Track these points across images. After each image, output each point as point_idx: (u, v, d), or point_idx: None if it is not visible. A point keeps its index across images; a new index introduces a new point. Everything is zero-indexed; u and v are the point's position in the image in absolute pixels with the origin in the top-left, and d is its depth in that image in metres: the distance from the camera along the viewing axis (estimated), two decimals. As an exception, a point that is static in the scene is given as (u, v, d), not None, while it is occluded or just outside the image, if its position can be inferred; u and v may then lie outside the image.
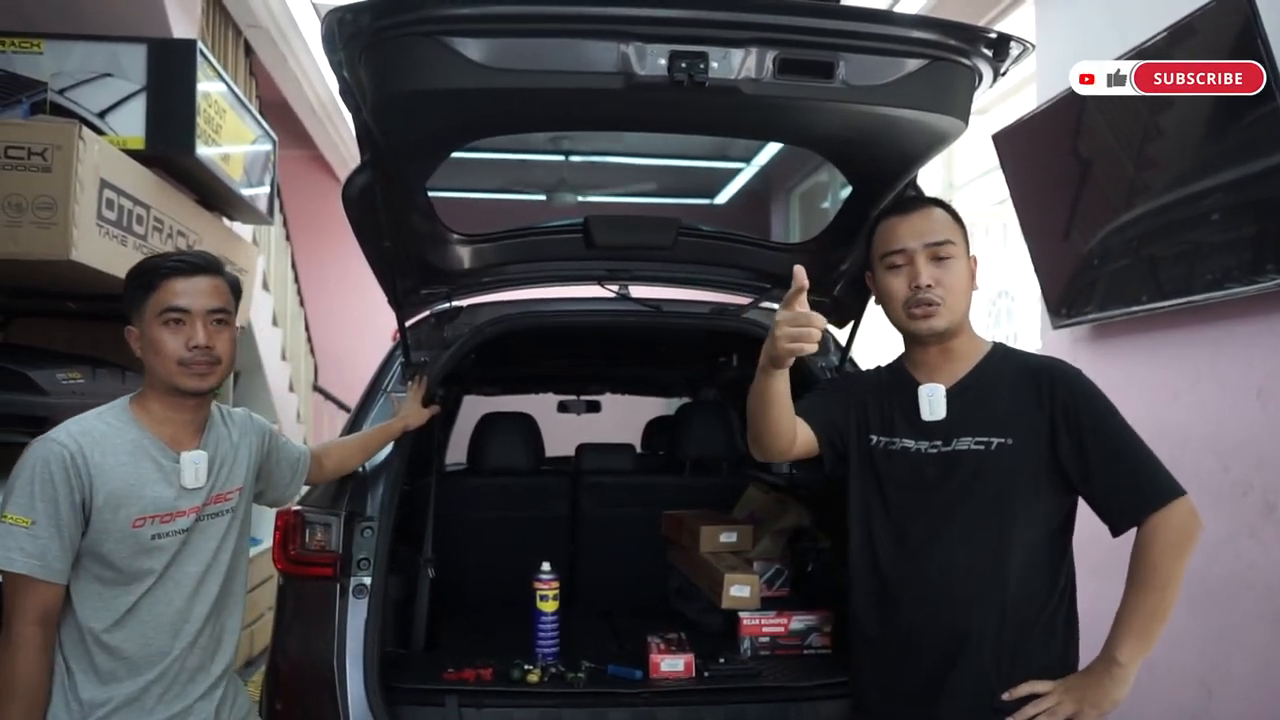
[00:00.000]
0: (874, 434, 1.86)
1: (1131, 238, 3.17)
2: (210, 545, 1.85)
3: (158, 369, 1.78)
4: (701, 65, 1.63)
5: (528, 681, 2.28)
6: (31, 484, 1.66)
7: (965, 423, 1.75)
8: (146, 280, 1.78)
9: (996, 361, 1.82)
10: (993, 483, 1.72)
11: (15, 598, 1.65)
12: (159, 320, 1.76)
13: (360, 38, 1.62)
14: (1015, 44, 1.71)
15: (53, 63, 3.23)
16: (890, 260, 1.80)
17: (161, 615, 1.77)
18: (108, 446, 1.72)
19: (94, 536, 1.70)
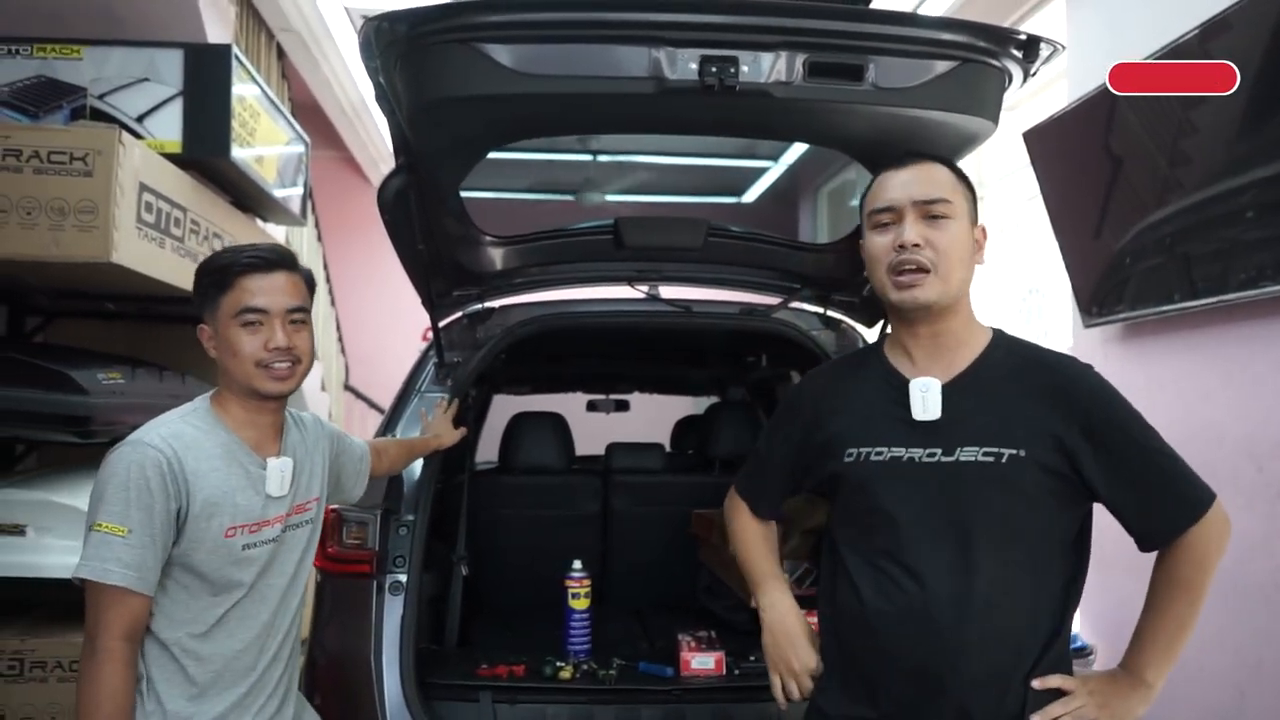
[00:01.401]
0: (852, 446, 1.60)
1: (1164, 235, 3.15)
2: (294, 557, 1.79)
3: (235, 372, 1.69)
4: (732, 69, 1.65)
5: (560, 678, 2.31)
6: (126, 490, 1.56)
7: (970, 430, 1.53)
8: (220, 278, 1.69)
9: (1001, 354, 1.60)
10: (1005, 501, 1.51)
11: (103, 610, 1.56)
12: (236, 321, 1.68)
13: (397, 45, 1.65)
14: (1045, 45, 1.72)
15: (92, 68, 3.29)
16: (878, 218, 1.60)
17: (249, 629, 1.71)
18: (200, 451, 1.65)
19: (186, 546, 1.62)
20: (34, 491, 2.86)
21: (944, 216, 1.56)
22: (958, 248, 1.56)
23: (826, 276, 2.73)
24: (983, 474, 1.51)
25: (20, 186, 2.66)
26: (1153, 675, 1.53)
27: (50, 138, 2.74)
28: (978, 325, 1.64)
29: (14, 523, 2.78)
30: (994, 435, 1.52)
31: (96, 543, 1.55)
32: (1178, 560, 1.52)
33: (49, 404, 2.76)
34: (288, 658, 1.82)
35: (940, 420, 1.54)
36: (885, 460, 1.56)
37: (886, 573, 1.55)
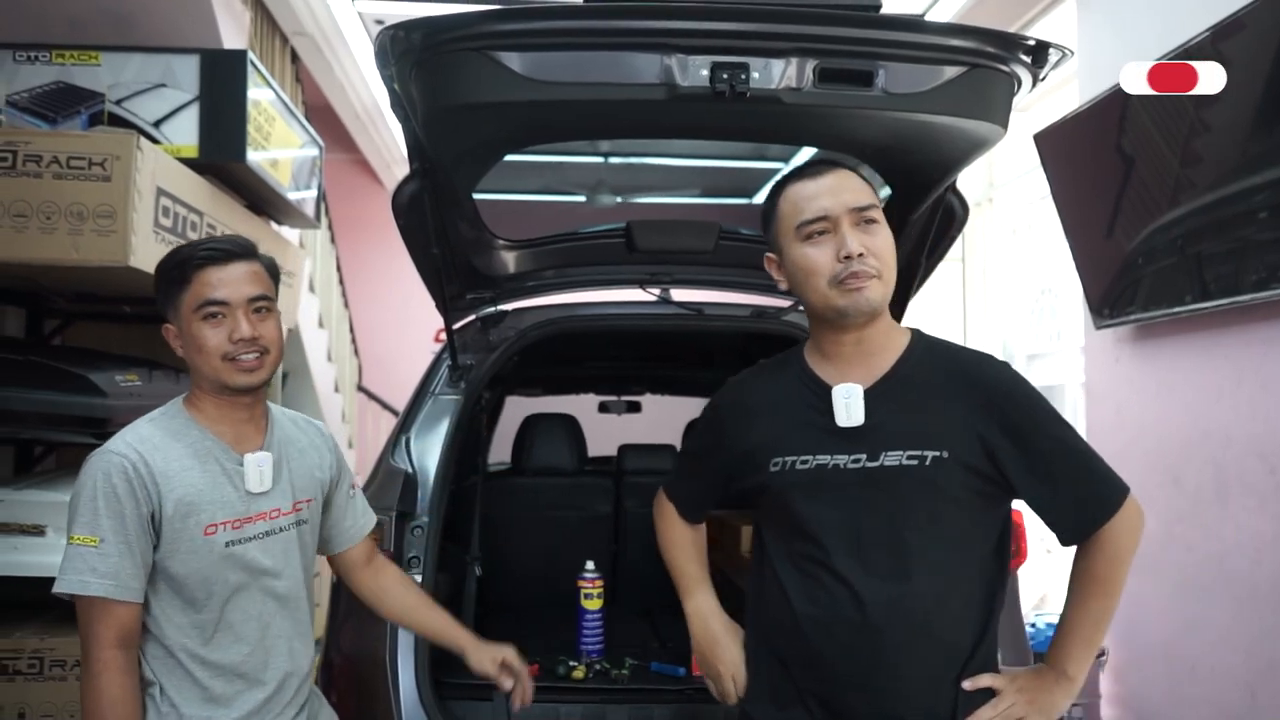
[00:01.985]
0: (777, 456, 1.59)
1: (1176, 236, 3.15)
2: (291, 558, 1.74)
3: (203, 367, 1.65)
4: (743, 76, 1.66)
5: (573, 678, 2.34)
6: (95, 500, 1.55)
7: (893, 434, 1.53)
8: (179, 273, 1.65)
9: (920, 355, 1.61)
10: (930, 503, 1.52)
11: (91, 623, 1.54)
12: (197, 316, 1.63)
13: (412, 53, 1.67)
14: (1054, 50, 1.72)
15: (110, 74, 3.32)
16: (809, 229, 1.56)
17: (253, 630, 1.67)
18: (169, 452, 1.61)
19: (166, 549, 1.59)
20: (53, 492, 2.89)
21: (875, 221, 1.57)
22: (891, 251, 1.58)
23: (837, 279, 2.74)
24: (908, 477, 1.52)
25: (40, 191, 2.69)
26: (1074, 669, 1.56)
27: (69, 143, 2.78)
28: (897, 328, 1.65)
29: (34, 523, 2.81)
30: (917, 438, 1.52)
31: (71, 556, 1.54)
32: (1095, 555, 1.54)
33: (68, 406, 2.80)
34: (306, 666, 1.78)
35: (864, 426, 1.54)
36: (810, 469, 1.56)
37: (817, 579, 1.55)
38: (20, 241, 2.68)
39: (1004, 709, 1.52)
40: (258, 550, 1.68)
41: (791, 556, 1.60)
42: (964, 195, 2.31)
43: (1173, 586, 3.34)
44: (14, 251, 2.68)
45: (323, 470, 1.84)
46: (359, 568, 1.94)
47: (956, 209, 2.30)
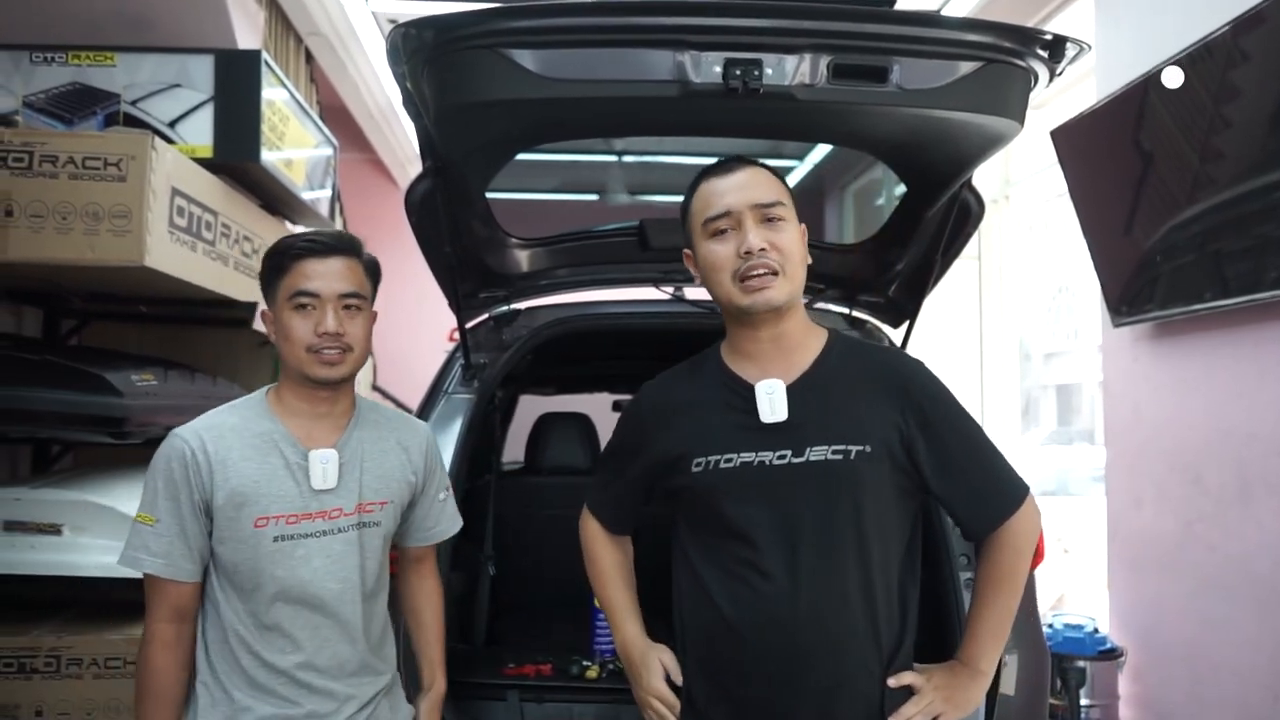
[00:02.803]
0: (699, 456, 1.58)
1: (1196, 233, 3.12)
2: (352, 560, 1.71)
3: (287, 355, 1.69)
4: (756, 72, 1.65)
5: (586, 678, 2.33)
6: (156, 481, 1.64)
7: (817, 429, 1.54)
8: (278, 261, 1.70)
9: (839, 353, 1.64)
10: (856, 498, 1.53)
11: (148, 597, 1.66)
12: (289, 304, 1.67)
13: (423, 51, 1.67)
14: (1071, 45, 1.71)
15: (125, 75, 3.34)
16: (715, 225, 1.59)
17: (299, 630, 1.67)
18: (233, 441, 1.65)
19: (218, 535, 1.64)
20: (69, 492, 2.91)
21: (780, 219, 1.58)
22: (798, 248, 1.59)
23: (851, 277, 2.73)
24: (834, 472, 1.53)
25: (56, 192, 2.71)
26: (986, 664, 1.61)
27: (84, 143, 2.79)
28: (814, 327, 1.67)
29: (50, 522, 2.82)
30: (841, 432, 1.54)
31: (132, 532, 1.64)
32: (998, 553, 1.60)
33: (84, 405, 2.81)
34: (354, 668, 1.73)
35: (788, 422, 1.55)
36: (735, 467, 1.56)
37: (744, 580, 1.55)
38: (37, 241, 2.70)
39: (924, 706, 1.57)
40: (310, 549, 1.67)
41: (716, 559, 1.59)
42: (980, 192, 2.29)
43: (1193, 586, 3.31)
44: (30, 251, 2.70)
45: (409, 472, 1.83)
46: (408, 563, 1.96)
47: (972, 205, 2.28)
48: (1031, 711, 2.30)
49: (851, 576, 1.54)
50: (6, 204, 2.68)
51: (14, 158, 2.71)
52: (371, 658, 1.76)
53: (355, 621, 1.72)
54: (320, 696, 1.68)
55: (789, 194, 1.64)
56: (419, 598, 1.97)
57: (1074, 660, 3.64)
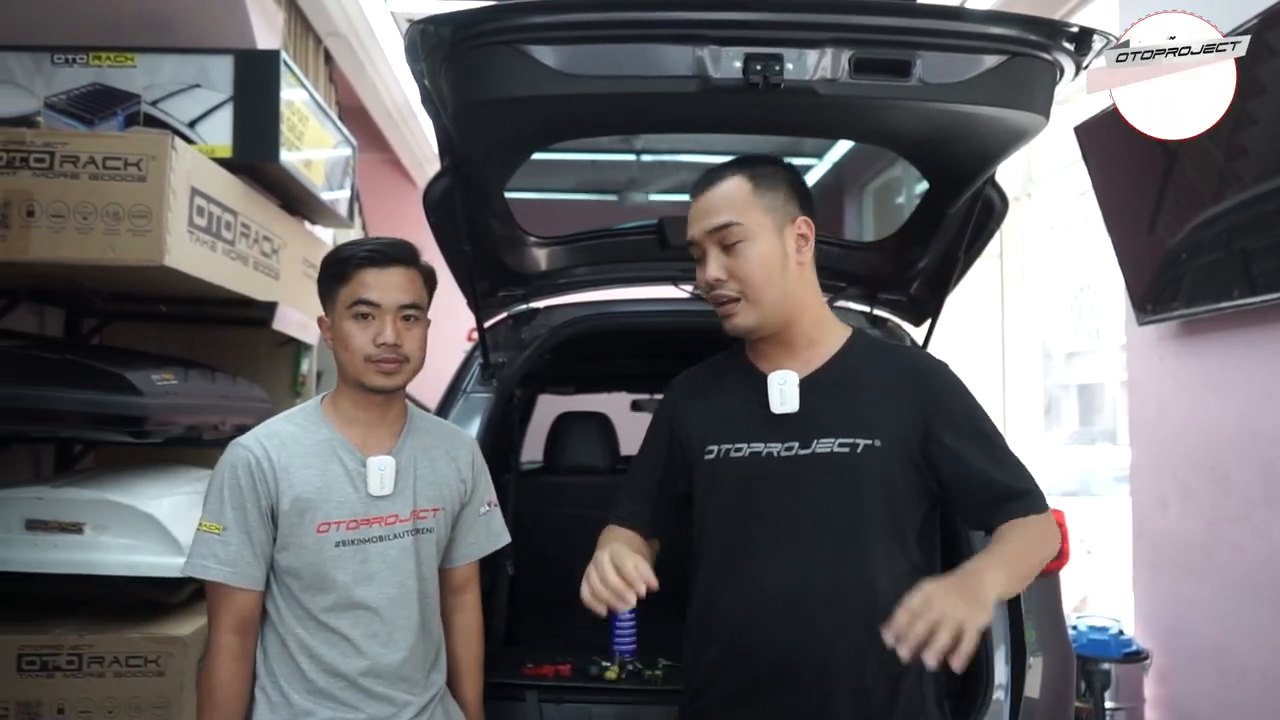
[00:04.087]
0: (712, 443, 1.61)
1: (1222, 230, 3.08)
2: (408, 565, 1.73)
3: (345, 363, 1.72)
4: (776, 67, 1.63)
5: (606, 678, 2.32)
6: (222, 490, 1.65)
7: (826, 421, 1.55)
8: (339, 269, 1.72)
9: (858, 351, 1.63)
10: (858, 490, 1.53)
11: (213, 606, 1.65)
12: (349, 313, 1.70)
13: (441, 48, 1.66)
14: (1098, 37, 1.68)
15: (145, 75, 3.36)
16: (692, 252, 1.64)
17: (362, 634, 1.68)
18: (295, 449, 1.67)
19: (281, 542, 1.66)
20: (90, 491, 2.92)
21: (738, 240, 1.57)
22: (762, 267, 1.57)
23: (872, 274, 2.70)
24: (839, 464, 1.53)
25: (77, 192, 2.73)
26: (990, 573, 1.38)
27: (105, 144, 2.80)
28: (833, 324, 1.66)
29: (72, 521, 2.84)
30: (850, 426, 1.54)
31: (197, 541, 1.65)
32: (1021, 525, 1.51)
33: (105, 405, 2.82)
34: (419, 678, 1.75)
35: (798, 413, 1.56)
36: (745, 456, 1.57)
37: (748, 571, 1.56)
38: (57, 241, 2.71)
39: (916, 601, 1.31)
40: (370, 554, 1.69)
41: (726, 549, 1.59)
42: (1003, 188, 2.26)
43: (1219, 588, 3.26)
44: (52, 251, 2.71)
45: (458, 481, 1.85)
46: (449, 593, 1.92)
47: (995, 202, 2.25)
48: (1056, 714, 2.28)
49: (857, 568, 1.52)
50: (28, 204, 2.70)
51: (35, 158, 2.73)
52: (427, 663, 1.78)
53: (412, 626, 1.74)
54: (379, 702, 1.69)
55: (763, 200, 1.61)
56: (457, 635, 1.93)
57: (1099, 663, 3.60)
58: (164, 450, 3.41)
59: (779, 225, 1.61)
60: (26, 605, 2.99)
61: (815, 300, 1.66)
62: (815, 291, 1.67)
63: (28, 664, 2.80)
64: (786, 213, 1.63)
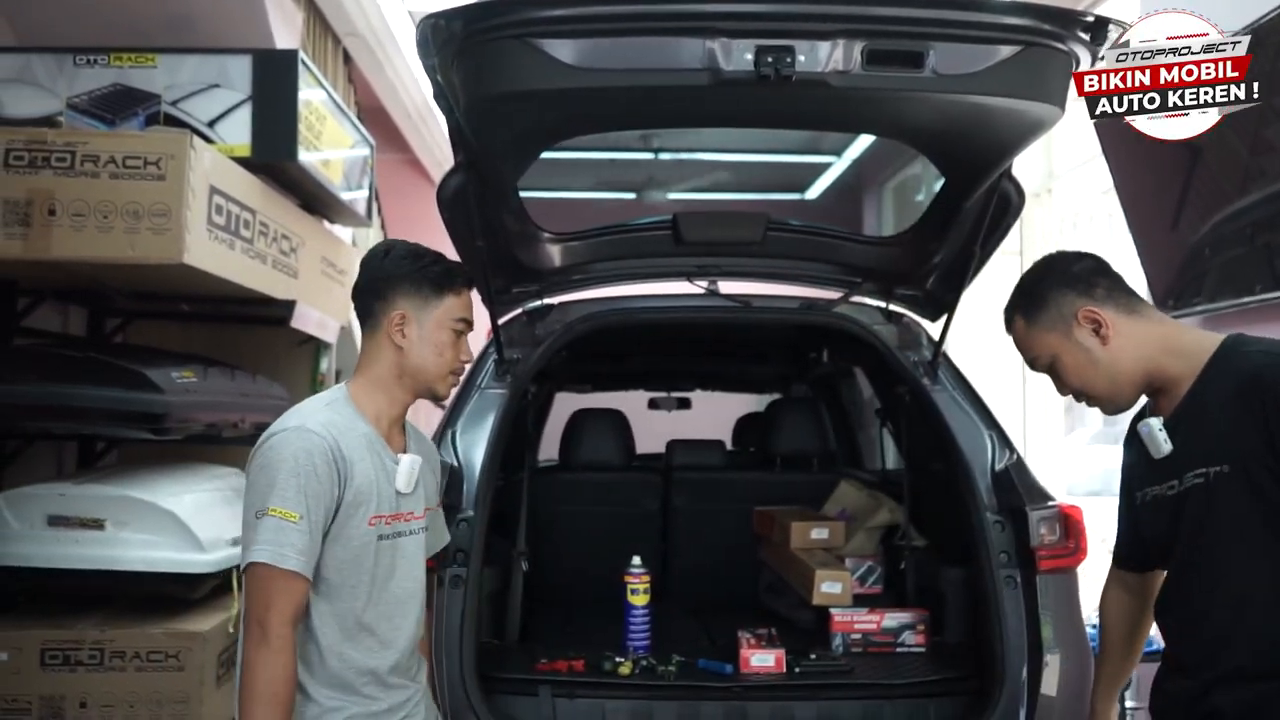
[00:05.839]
0: (1135, 490, 1.69)
1: (1245, 225, 3.05)
2: (418, 560, 1.78)
3: (426, 369, 1.73)
4: (788, 59, 1.63)
5: (619, 673, 2.31)
6: (297, 476, 1.56)
7: (1190, 454, 1.54)
8: (449, 282, 1.74)
9: (1217, 371, 1.55)
10: (1217, 517, 1.51)
11: (274, 595, 1.55)
12: (451, 326, 1.73)
13: (453, 42, 1.67)
14: (1114, 26, 1.66)
15: (166, 76, 3.39)
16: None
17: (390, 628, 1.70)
18: (350, 440, 1.65)
19: (333, 534, 1.62)
20: (111, 487, 2.95)
21: (1050, 365, 1.67)
22: (1083, 370, 1.63)
23: (889, 270, 2.69)
24: (1200, 495, 1.53)
25: (98, 191, 2.75)
26: None
27: (125, 143, 2.83)
28: (1192, 354, 1.59)
29: (93, 517, 2.87)
30: (1206, 455, 1.52)
31: (273, 528, 1.54)
32: None
33: (126, 402, 2.85)
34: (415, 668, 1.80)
35: (1172, 453, 1.57)
36: (1149, 500, 1.64)
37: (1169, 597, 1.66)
38: (79, 240, 2.74)
39: None
40: (399, 549, 1.72)
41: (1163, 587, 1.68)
42: (1019, 182, 2.24)
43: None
44: (73, 250, 2.74)
45: (437, 482, 1.93)
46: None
47: (1012, 196, 2.24)
48: (1073, 713, 2.26)
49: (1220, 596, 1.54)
50: (50, 203, 2.73)
51: (57, 158, 2.76)
52: (418, 654, 1.82)
53: (420, 619, 1.79)
54: (396, 691, 1.72)
55: (1038, 327, 1.65)
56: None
57: (1119, 662, 3.56)
58: (185, 448, 3.44)
59: (1065, 335, 1.62)
60: (49, 600, 3.02)
61: (1151, 350, 1.61)
62: (1145, 344, 1.61)
63: (51, 658, 2.83)
64: (1065, 318, 1.63)
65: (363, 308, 1.76)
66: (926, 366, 2.62)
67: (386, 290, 1.72)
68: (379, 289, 1.73)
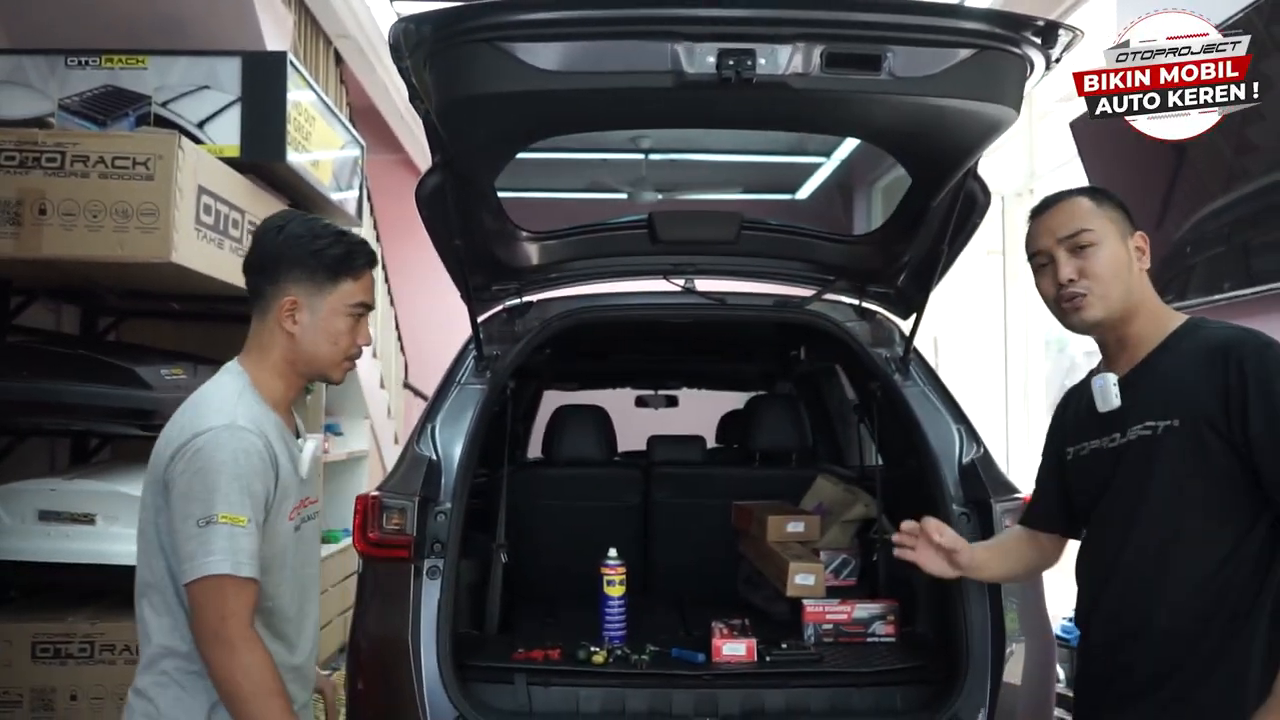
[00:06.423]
0: (1069, 446, 1.76)
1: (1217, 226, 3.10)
2: (317, 542, 1.75)
3: (321, 355, 1.65)
4: (749, 62, 1.68)
5: (593, 663, 2.35)
6: (238, 479, 1.49)
7: (1140, 409, 1.61)
8: (347, 266, 1.64)
9: (1182, 339, 1.64)
10: (1161, 471, 1.57)
11: (230, 601, 1.48)
12: (347, 310, 1.65)
13: (424, 45, 1.72)
14: (1064, 31, 1.71)
15: (156, 77, 3.44)
16: (1035, 263, 1.73)
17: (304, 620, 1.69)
18: (273, 434, 1.58)
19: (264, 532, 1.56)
20: (102, 483, 3.00)
21: (1088, 245, 1.64)
22: (1110, 267, 1.65)
23: (861, 268, 2.74)
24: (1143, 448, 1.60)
25: (87, 190, 2.81)
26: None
27: (114, 143, 2.89)
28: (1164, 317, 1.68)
29: (84, 512, 2.92)
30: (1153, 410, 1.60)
31: (225, 535, 1.47)
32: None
33: (115, 398, 2.90)
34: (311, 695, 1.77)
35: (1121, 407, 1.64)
36: (1086, 454, 1.71)
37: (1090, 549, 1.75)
38: (69, 239, 2.80)
39: None
40: (304, 536, 1.70)
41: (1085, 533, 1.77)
42: (985, 182, 2.29)
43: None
44: (63, 248, 2.80)
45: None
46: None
47: (977, 195, 2.28)
48: (1038, 701, 2.30)
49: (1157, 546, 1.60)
50: (40, 202, 2.79)
51: (47, 158, 2.82)
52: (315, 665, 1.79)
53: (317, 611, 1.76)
54: (308, 686, 1.72)
55: (1107, 215, 1.66)
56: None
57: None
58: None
59: (1122, 234, 1.67)
60: (41, 594, 3.07)
61: (1152, 302, 1.69)
62: (1153, 295, 1.70)
63: (41, 651, 2.88)
64: (1127, 225, 1.68)
65: (252, 285, 1.66)
66: (898, 362, 2.67)
67: (277, 272, 1.62)
68: (269, 269, 1.63)
